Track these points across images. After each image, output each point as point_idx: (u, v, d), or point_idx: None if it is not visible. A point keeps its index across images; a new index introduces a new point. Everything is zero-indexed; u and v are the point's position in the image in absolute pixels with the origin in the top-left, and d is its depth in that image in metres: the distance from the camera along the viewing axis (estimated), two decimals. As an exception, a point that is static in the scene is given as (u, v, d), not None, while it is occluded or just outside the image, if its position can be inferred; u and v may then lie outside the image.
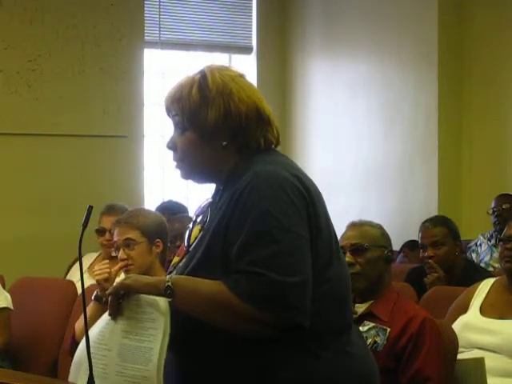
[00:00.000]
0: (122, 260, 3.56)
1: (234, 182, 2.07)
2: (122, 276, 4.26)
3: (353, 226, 3.24)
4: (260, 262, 1.94)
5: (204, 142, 2.12)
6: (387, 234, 3.28)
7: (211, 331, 2.01)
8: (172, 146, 2.18)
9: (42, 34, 6.46)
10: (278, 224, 1.97)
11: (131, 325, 2.07)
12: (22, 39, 6.42)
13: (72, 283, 4.54)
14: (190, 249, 2.14)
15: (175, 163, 2.18)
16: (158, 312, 2.04)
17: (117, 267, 3.50)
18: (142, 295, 2.06)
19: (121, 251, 3.57)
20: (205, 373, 2.05)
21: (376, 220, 3.37)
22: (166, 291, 2.01)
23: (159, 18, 7.23)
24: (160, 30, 7.24)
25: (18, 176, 6.41)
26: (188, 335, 2.05)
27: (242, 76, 2.17)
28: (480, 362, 3.13)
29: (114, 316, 2.09)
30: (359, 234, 3.17)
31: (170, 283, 2.01)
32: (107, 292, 2.11)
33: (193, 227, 2.20)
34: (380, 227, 3.27)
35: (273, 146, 2.18)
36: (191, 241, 2.16)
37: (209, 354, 2.04)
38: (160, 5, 7.23)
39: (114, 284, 2.12)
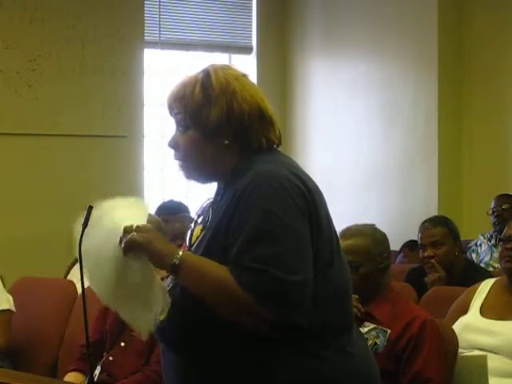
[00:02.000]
0: None
1: (235, 181, 2.06)
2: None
3: (343, 237, 3.10)
4: (263, 260, 1.94)
5: (206, 140, 2.12)
6: (381, 237, 3.23)
7: (212, 327, 2.01)
8: (174, 144, 2.17)
9: (41, 34, 6.46)
10: (281, 223, 1.97)
11: (137, 275, 2.04)
12: (22, 39, 6.42)
13: (72, 283, 4.54)
14: (192, 248, 2.13)
15: (178, 163, 2.18)
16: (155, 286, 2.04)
17: None
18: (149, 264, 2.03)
19: None
20: (203, 369, 2.04)
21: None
22: (172, 268, 2.00)
23: (159, 18, 7.23)
24: (160, 30, 7.24)
25: (18, 176, 6.40)
26: (187, 330, 2.05)
27: (244, 76, 2.17)
28: (483, 358, 3.13)
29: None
30: (349, 250, 3.03)
31: (177, 261, 1.99)
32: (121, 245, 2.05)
33: (194, 227, 2.19)
34: (372, 233, 3.20)
35: (274, 146, 2.18)
36: (193, 240, 2.16)
37: (208, 350, 2.03)
38: (160, 5, 7.23)
39: (128, 238, 2.02)
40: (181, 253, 2.01)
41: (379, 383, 2.17)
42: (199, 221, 2.19)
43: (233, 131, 2.11)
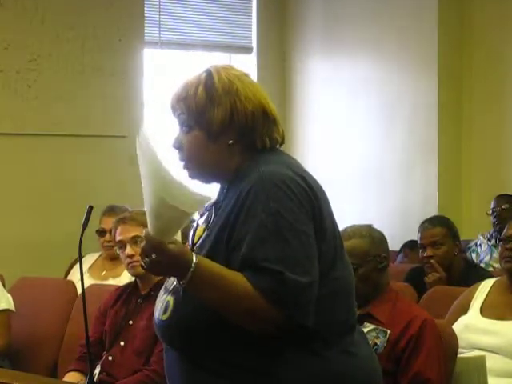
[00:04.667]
0: (130, 256, 3.58)
1: (239, 181, 2.07)
2: (126, 273, 4.29)
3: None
4: (274, 260, 1.93)
5: (210, 140, 2.12)
6: (379, 238, 3.22)
7: (214, 327, 2.01)
8: (178, 145, 2.17)
9: (42, 34, 6.45)
10: (288, 224, 1.97)
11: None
12: (21, 39, 6.41)
13: (72, 283, 4.54)
14: (195, 248, 2.12)
15: (182, 163, 2.18)
16: None
17: None
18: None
19: (128, 247, 3.59)
20: (206, 369, 2.04)
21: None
22: (182, 287, 1.99)
23: (159, 18, 7.22)
24: (160, 30, 7.23)
25: (18, 176, 6.40)
26: (190, 330, 2.04)
27: (246, 75, 2.18)
28: (481, 359, 3.13)
29: None
30: (347, 251, 3.03)
31: (184, 284, 1.96)
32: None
33: (197, 227, 2.19)
34: (369, 233, 3.19)
35: (278, 145, 2.18)
36: (195, 240, 2.16)
37: (211, 350, 2.03)
38: (160, 5, 7.22)
39: (141, 263, 2.00)
40: (190, 273, 1.95)
41: (381, 383, 2.18)
42: (201, 220, 2.19)
43: (237, 131, 2.11)
